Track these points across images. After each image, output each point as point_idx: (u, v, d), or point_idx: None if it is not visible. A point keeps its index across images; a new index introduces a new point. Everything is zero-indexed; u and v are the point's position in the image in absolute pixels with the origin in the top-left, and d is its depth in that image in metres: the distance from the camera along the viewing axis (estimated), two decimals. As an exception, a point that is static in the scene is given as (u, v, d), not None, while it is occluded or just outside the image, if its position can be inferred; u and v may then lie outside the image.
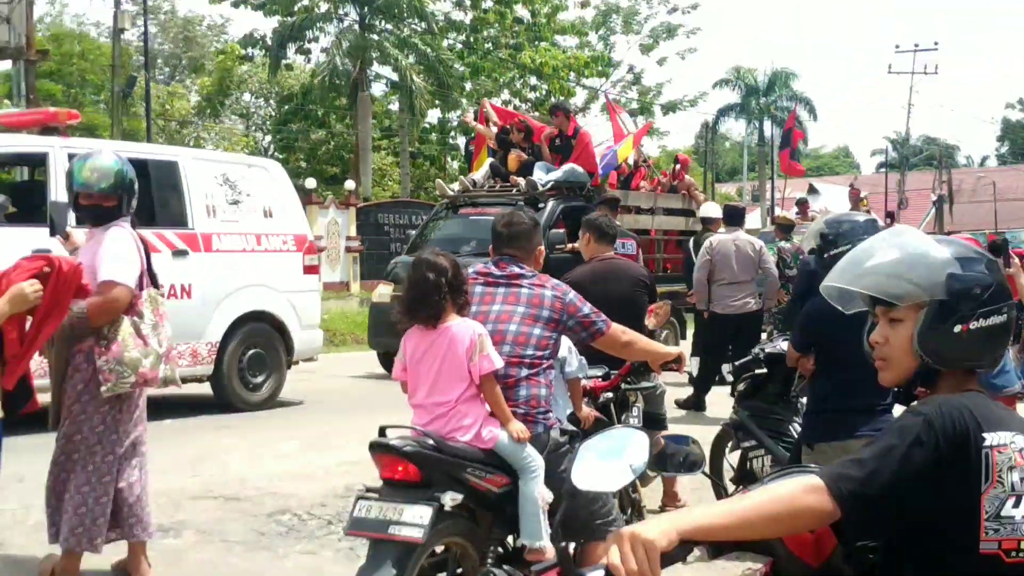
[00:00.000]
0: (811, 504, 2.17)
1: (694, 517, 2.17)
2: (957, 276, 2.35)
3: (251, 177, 11.55)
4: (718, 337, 11.60)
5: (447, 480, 4.41)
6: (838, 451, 5.17)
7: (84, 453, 5.31)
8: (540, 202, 14.54)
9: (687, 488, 7.70)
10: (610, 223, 7.47)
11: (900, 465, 2.19)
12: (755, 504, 2.19)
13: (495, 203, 15.09)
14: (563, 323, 4.89)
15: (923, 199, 54.53)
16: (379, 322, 14.88)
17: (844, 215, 6.22)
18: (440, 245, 14.60)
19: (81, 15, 43.41)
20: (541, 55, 32.57)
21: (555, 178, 15.01)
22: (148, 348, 5.32)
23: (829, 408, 5.43)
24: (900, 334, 2.42)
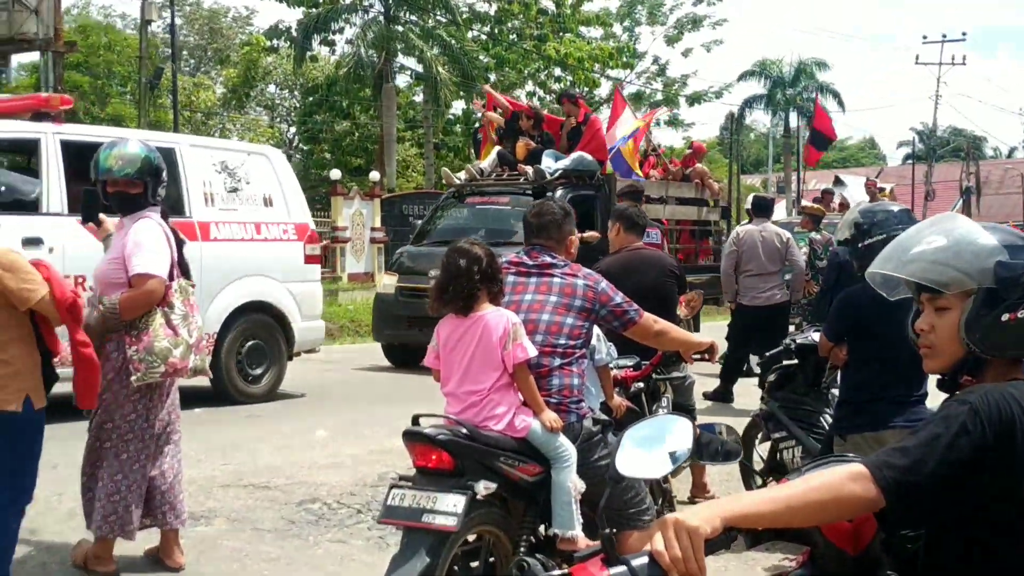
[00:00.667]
0: (855, 492, 2.16)
1: (738, 504, 2.17)
2: (1006, 264, 2.32)
3: (251, 165, 11.31)
4: (745, 328, 11.56)
5: (480, 469, 4.42)
6: (871, 442, 5.16)
7: (116, 441, 5.35)
8: (548, 190, 14.26)
9: (716, 479, 7.68)
10: (639, 213, 7.49)
11: (945, 454, 2.17)
12: (799, 491, 2.18)
13: (502, 192, 15.08)
14: (595, 312, 4.89)
15: (950, 191, 54.19)
16: (384, 314, 14.86)
17: (878, 204, 6.17)
18: (448, 235, 14.45)
19: (108, 7, 43.70)
20: (566, 46, 32.51)
21: (563, 166, 14.80)
22: (178, 338, 5.34)
23: (862, 399, 5.41)
24: (946, 322, 2.40)
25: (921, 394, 5.33)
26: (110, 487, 5.32)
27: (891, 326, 5.13)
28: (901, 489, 2.16)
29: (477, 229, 14.49)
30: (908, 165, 62.75)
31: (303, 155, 43.93)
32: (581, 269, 5.02)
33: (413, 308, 13.76)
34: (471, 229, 14.56)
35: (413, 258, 14.91)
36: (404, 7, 33.07)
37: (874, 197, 19.18)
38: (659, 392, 6.43)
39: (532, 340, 4.60)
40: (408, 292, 14.22)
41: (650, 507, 4.92)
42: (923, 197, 50.69)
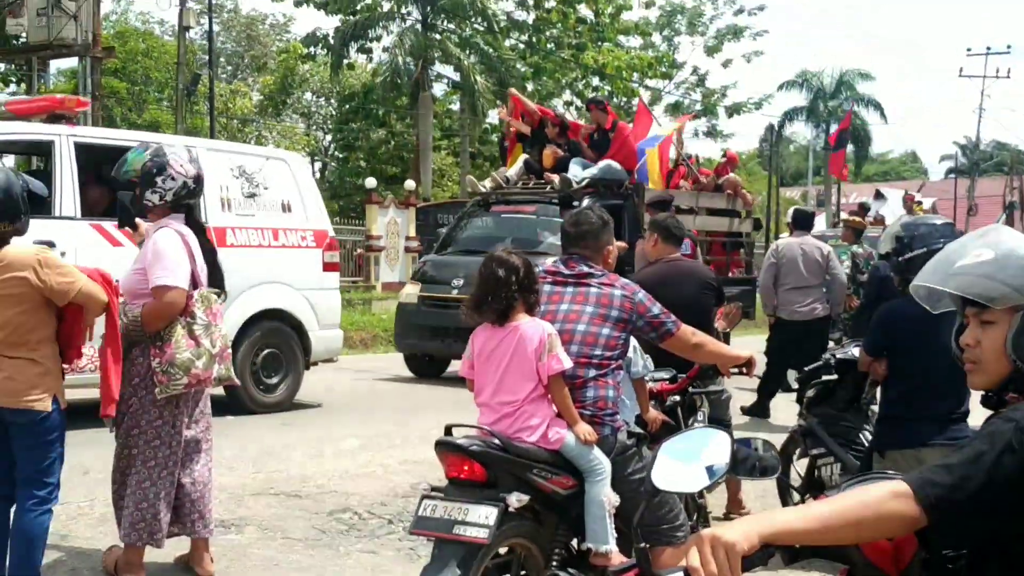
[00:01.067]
0: (897, 510, 2.10)
1: (776, 520, 2.11)
2: None
3: (269, 170, 11.11)
4: (784, 342, 11.43)
5: (513, 481, 4.35)
6: (910, 459, 5.06)
7: (143, 448, 5.31)
8: (575, 200, 13.97)
9: (751, 496, 7.58)
10: (677, 223, 7.37)
11: (990, 472, 2.11)
12: (840, 508, 2.13)
13: (528, 200, 14.83)
14: (632, 323, 4.82)
15: (993, 206, 53.64)
16: (405, 323, 14.65)
17: (921, 218, 6.06)
18: (472, 244, 14.54)
19: (146, 13, 44.02)
20: (604, 55, 32.46)
21: (591, 175, 14.56)
22: (200, 348, 5.28)
23: (901, 415, 5.32)
24: (992, 337, 2.33)
25: (963, 411, 5.23)
26: (138, 494, 5.29)
27: (932, 341, 5.03)
28: (944, 507, 2.10)
29: (502, 238, 14.15)
30: (951, 179, 62.28)
31: (338, 163, 44.10)
32: (618, 279, 4.94)
33: (436, 318, 13.71)
34: (496, 238, 14.27)
35: (436, 267, 14.76)
36: (442, 15, 33.14)
37: (911, 211, 18.99)
38: (695, 406, 6.33)
39: (567, 350, 4.53)
40: (431, 301, 14.09)
41: (684, 523, 4.84)
42: (966, 212, 50.27)
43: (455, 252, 14.77)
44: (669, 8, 36.81)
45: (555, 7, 33.17)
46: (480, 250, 14.01)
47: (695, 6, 37.11)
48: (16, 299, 4.71)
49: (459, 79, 33.47)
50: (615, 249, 5.17)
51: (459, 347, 13.55)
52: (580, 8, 33.78)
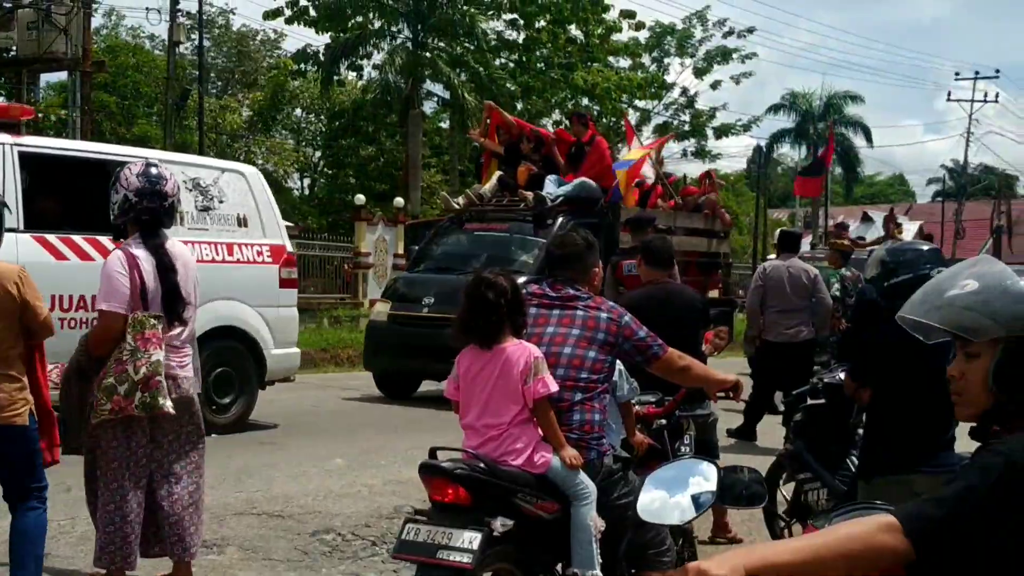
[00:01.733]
0: (887, 544, 2.09)
1: (762, 552, 2.11)
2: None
3: (225, 183, 10.78)
4: (770, 365, 11.42)
5: (498, 505, 4.31)
6: (895, 486, 4.98)
7: (105, 469, 5.23)
8: (549, 217, 13.98)
9: (737, 519, 7.54)
10: (663, 246, 7.33)
11: (982, 507, 2.09)
12: (827, 542, 2.11)
13: (502, 218, 14.69)
14: (619, 346, 4.79)
15: (981, 229, 53.88)
16: (375, 342, 14.38)
17: (908, 243, 6.03)
18: (444, 261, 14.47)
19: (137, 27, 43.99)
20: (593, 76, 32.53)
21: (565, 192, 14.37)
22: (124, 375, 5.11)
23: (886, 441, 5.26)
24: (976, 369, 2.32)
25: (948, 438, 5.16)
26: (105, 518, 5.21)
27: (917, 368, 5.02)
28: (934, 542, 2.09)
29: (475, 256, 14.23)
30: (938, 202, 62.47)
31: (328, 179, 44.04)
32: (605, 302, 4.92)
33: (406, 336, 13.50)
34: (469, 256, 14.33)
35: (407, 285, 14.61)
36: (432, 33, 33.17)
37: (890, 232, 19.01)
38: (682, 429, 6.29)
39: (553, 373, 4.50)
40: (401, 320, 13.86)
41: (670, 547, 4.81)
42: (953, 235, 50.41)
43: (427, 270, 14.62)
44: (659, 30, 36.89)
45: (545, 27, 33.24)
46: (452, 268, 14.04)
47: (684, 28, 37.21)
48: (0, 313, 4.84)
49: (449, 97, 33.47)
50: (601, 271, 5.15)
51: (430, 366, 13.26)
52: (570, 28, 33.85)
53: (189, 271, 5.43)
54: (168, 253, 5.30)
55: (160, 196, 5.30)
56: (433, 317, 13.23)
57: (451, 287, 13.37)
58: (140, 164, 5.44)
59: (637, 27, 34.35)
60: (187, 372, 5.42)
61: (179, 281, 5.31)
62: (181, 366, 5.38)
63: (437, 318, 13.12)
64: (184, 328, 5.41)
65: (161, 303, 5.25)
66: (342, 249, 27.08)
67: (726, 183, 58.89)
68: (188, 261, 5.45)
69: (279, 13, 32.05)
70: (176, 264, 5.32)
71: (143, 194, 5.26)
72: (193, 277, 5.46)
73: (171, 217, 5.41)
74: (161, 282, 5.25)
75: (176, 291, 5.29)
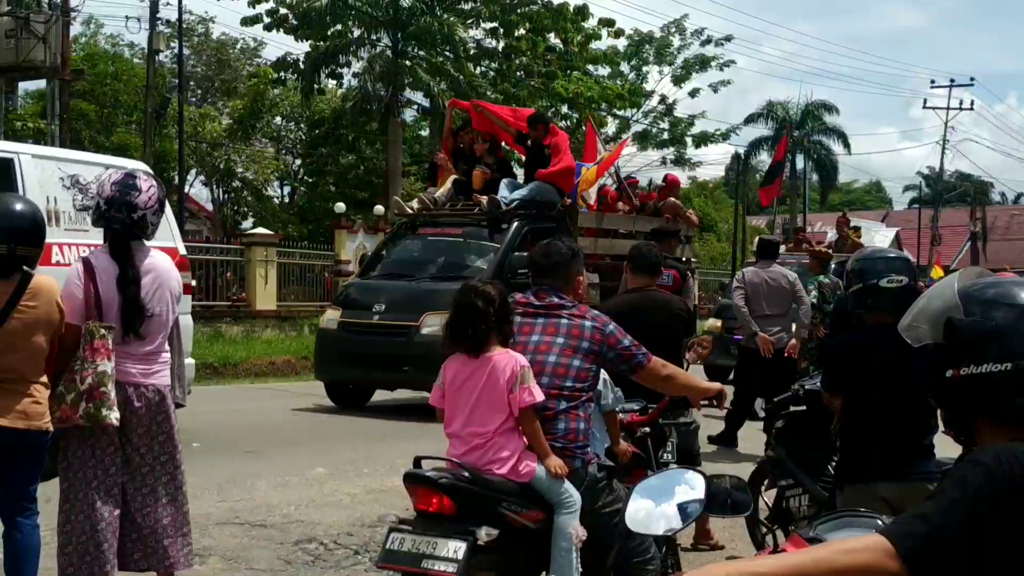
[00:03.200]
0: (876, 562, 2.09)
1: (747, 567, 2.12)
2: (954, 320, 2.30)
3: None
4: (750, 371, 11.45)
5: (482, 514, 4.32)
6: (862, 494, 4.92)
7: (72, 480, 5.17)
8: (504, 222, 13.72)
9: (719, 525, 7.56)
10: (647, 252, 7.31)
11: (966, 519, 2.10)
12: (816, 558, 2.12)
13: (456, 223, 14.43)
14: (603, 355, 4.79)
15: (957, 236, 54.28)
16: (325, 350, 14.12)
17: (878, 251, 5.95)
18: (397, 268, 14.30)
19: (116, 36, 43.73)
20: (574, 84, 32.59)
21: (521, 196, 14.03)
22: (72, 384, 5.07)
23: (857, 449, 5.23)
24: None
25: (924, 445, 5.03)
26: (76, 528, 5.13)
27: (886, 375, 5.03)
28: (924, 558, 2.09)
29: (428, 261, 14.13)
30: (914, 209, 62.80)
31: (308, 187, 43.93)
32: (589, 311, 4.92)
33: (357, 344, 13.29)
34: (422, 261, 14.22)
35: (359, 291, 14.34)
36: (412, 42, 33.15)
37: (844, 235, 19.07)
38: (665, 437, 6.30)
39: (538, 381, 4.51)
40: (351, 328, 13.59)
41: (655, 556, 4.81)
42: (929, 241, 50.69)
43: (379, 276, 14.44)
44: (637, 38, 36.98)
45: (524, 35, 33.28)
46: (405, 274, 13.92)
47: (663, 36, 37.31)
48: (47, 325, 5.05)
49: (429, 105, 33.45)
50: (585, 279, 5.16)
51: (380, 375, 13.18)
52: (550, 37, 33.89)
53: (162, 283, 5.26)
54: (134, 265, 5.19)
55: (129, 207, 5.17)
56: (384, 325, 13.18)
57: (402, 294, 13.48)
58: (120, 173, 5.40)
59: (616, 35, 34.40)
60: (157, 381, 5.27)
61: (142, 294, 5.18)
62: (147, 375, 5.26)
63: (388, 326, 13.11)
64: (152, 339, 5.26)
65: (118, 315, 5.15)
66: (322, 257, 27.02)
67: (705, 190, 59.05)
68: (160, 273, 5.26)
69: (257, 20, 31.99)
70: (143, 276, 5.19)
71: (112, 203, 5.17)
72: (168, 288, 5.30)
73: (143, 228, 5.30)
74: (121, 294, 5.16)
75: (135, 304, 5.16)
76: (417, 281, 13.75)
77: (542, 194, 14.16)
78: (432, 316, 12.49)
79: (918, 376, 3.61)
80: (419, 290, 13.44)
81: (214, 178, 41.13)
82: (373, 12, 32.51)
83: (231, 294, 23.37)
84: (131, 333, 5.15)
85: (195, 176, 41.51)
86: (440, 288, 12.84)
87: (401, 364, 12.86)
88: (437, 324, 12.16)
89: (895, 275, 5.06)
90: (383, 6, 32.34)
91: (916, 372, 4.06)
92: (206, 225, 42.79)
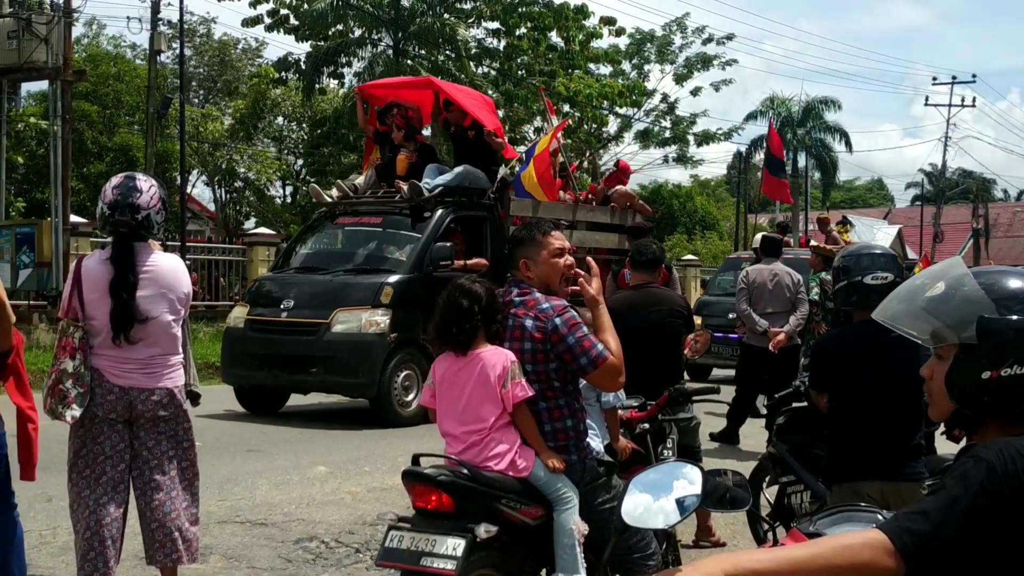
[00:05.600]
0: (874, 560, 2.07)
1: (745, 561, 2.10)
2: (988, 319, 2.22)
3: None
4: (753, 368, 11.44)
5: (481, 511, 4.31)
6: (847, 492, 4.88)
7: (75, 477, 5.19)
8: (427, 210, 12.92)
9: (721, 522, 7.55)
10: (645, 249, 7.27)
11: (967, 517, 2.08)
12: (813, 554, 2.10)
13: (376, 211, 13.54)
14: (549, 353, 4.47)
15: (959, 233, 54.20)
16: (231, 352, 13.06)
17: (864, 247, 5.90)
18: (311, 261, 13.51)
19: (118, 37, 43.65)
20: (575, 83, 32.53)
21: (446, 182, 13.15)
22: (47, 382, 5.17)
23: (842, 447, 5.19)
24: (941, 372, 2.31)
25: (913, 445, 4.97)
26: (79, 525, 5.16)
27: (869, 372, 4.99)
28: (923, 556, 2.07)
29: (345, 254, 13.36)
30: (917, 207, 62.76)
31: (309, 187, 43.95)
32: (540, 303, 4.51)
33: (264, 344, 12.45)
34: (338, 254, 13.46)
35: (269, 286, 13.40)
36: (413, 41, 33.13)
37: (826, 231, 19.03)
38: (664, 433, 6.30)
39: None
40: (259, 326, 12.68)
41: (655, 552, 4.79)
42: (932, 239, 50.63)
43: (292, 270, 13.55)
44: (639, 37, 36.88)
45: (526, 34, 33.23)
46: (320, 267, 13.07)
47: (664, 35, 37.21)
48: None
49: (430, 105, 33.39)
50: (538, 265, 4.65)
51: (287, 378, 12.45)
52: (551, 36, 33.84)
53: (164, 286, 5.23)
54: (134, 268, 5.15)
55: (132, 208, 5.15)
56: (292, 323, 12.38)
57: (314, 289, 12.62)
58: (120, 177, 5.38)
59: (617, 33, 34.31)
60: (165, 384, 5.23)
61: (139, 298, 5.13)
62: (153, 379, 5.22)
63: (296, 324, 12.32)
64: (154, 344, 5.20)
65: (109, 317, 5.12)
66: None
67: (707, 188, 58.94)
68: (161, 276, 5.21)
69: (259, 20, 31.97)
70: (143, 279, 5.16)
71: (115, 207, 5.16)
72: (172, 292, 5.25)
73: (149, 228, 5.29)
74: (112, 298, 5.13)
75: (125, 308, 5.11)
76: (331, 275, 12.91)
77: (469, 179, 13.42)
78: (345, 313, 12.04)
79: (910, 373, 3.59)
80: (332, 285, 12.66)
81: (216, 178, 41.14)
82: (374, 12, 32.50)
83: (233, 294, 23.38)
84: (122, 336, 5.11)
85: (197, 176, 41.53)
86: (355, 282, 12.45)
87: (309, 366, 12.25)
88: (350, 321, 11.96)
89: (880, 272, 5.05)
90: (384, 6, 32.35)
91: (907, 369, 4.04)
92: (208, 225, 42.87)
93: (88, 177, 34.23)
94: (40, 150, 31.19)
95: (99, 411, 5.11)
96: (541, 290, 4.60)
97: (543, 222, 4.95)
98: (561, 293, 4.65)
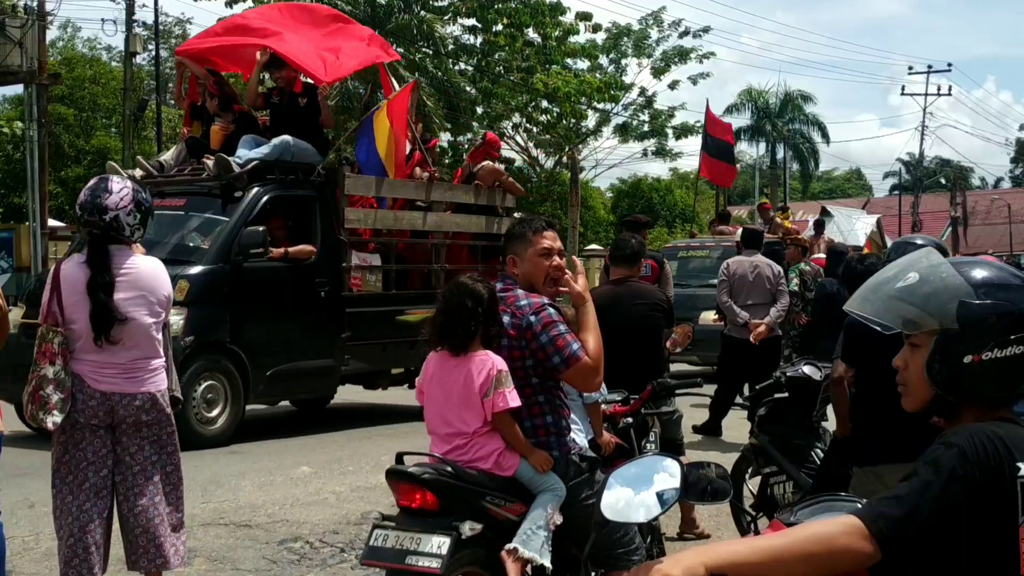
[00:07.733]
0: (850, 545, 2.09)
1: (723, 551, 2.12)
2: (968, 304, 2.24)
3: None
4: (734, 360, 11.47)
5: (465, 509, 4.30)
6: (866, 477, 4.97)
7: (58, 482, 5.16)
8: (238, 189, 11.05)
9: (705, 514, 7.57)
10: (624, 243, 7.28)
11: (940, 501, 2.11)
12: (790, 542, 2.12)
13: (181, 192, 11.49)
14: (524, 350, 4.46)
15: (937, 221, 54.46)
16: (4, 361, 9.40)
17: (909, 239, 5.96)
18: None
19: (93, 39, 43.50)
20: (553, 79, 32.54)
21: (262, 155, 11.30)
22: (27, 387, 5.11)
23: (862, 431, 5.24)
24: (917, 360, 2.34)
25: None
26: (64, 530, 5.12)
27: (888, 356, 5.01)
28: (897, 540, 2.10)
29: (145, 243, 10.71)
30: (895, 196, 63.02)
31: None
32: (519, 299, 4.48)
33: None
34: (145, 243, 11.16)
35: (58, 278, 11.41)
36: (390, 39, 33.08)
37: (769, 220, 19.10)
38: (648, 427, 6.32)
39: None
40: (33, 331, 10.00)
41: (639, 546, 4.79)
42: (910, 228, 50.85)
43: None
44: (615, 31, 36.89)
45: (503, 30, 33.22)
46: None
47: (641, 29, 37.22)
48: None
49: (408, 102, 33.33)
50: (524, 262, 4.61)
51: None
52: (528, 32, 33.83)
53: (142, 288, 5.20)
54: (109, 270, 5.12)
55: (100, 209, 5.11)
56: None
57: None
58: (95, 179, 5.36)
59: (594, 29, 34.32)
60: (147, 388, 5.21)
61: (116, 299, 5.09)
62: (135, 383, 5.20)
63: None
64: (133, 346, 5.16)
65: (88, 320, 5.09)
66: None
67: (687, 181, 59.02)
68: (141, 278, 5.19)
69: (235, 20, 31.89)
70: (120, 281, 5.11)
71: (85, 208, 5.14)
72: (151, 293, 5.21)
73: (119, 230, 5.24)
74: (90, 299, 5.09)
75: (103, 309, 5.06)
76: None
77: (290, 153, 11.58)
78: None
79: None
80: None
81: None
82: (351, 9, 32.43)
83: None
84: (102, 338, 5.06)
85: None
86: None
87: None
88: None
89: None
90: (360, 4, 32.29)
91: None
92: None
93: (66, 181, 34.09)
94: (17, 154, 31.08)
95: (80, 417, 5.07)
96: (525, 287, 4.59)
97: (538, 219, 4.84)
98: (545, 293, 4.62)
